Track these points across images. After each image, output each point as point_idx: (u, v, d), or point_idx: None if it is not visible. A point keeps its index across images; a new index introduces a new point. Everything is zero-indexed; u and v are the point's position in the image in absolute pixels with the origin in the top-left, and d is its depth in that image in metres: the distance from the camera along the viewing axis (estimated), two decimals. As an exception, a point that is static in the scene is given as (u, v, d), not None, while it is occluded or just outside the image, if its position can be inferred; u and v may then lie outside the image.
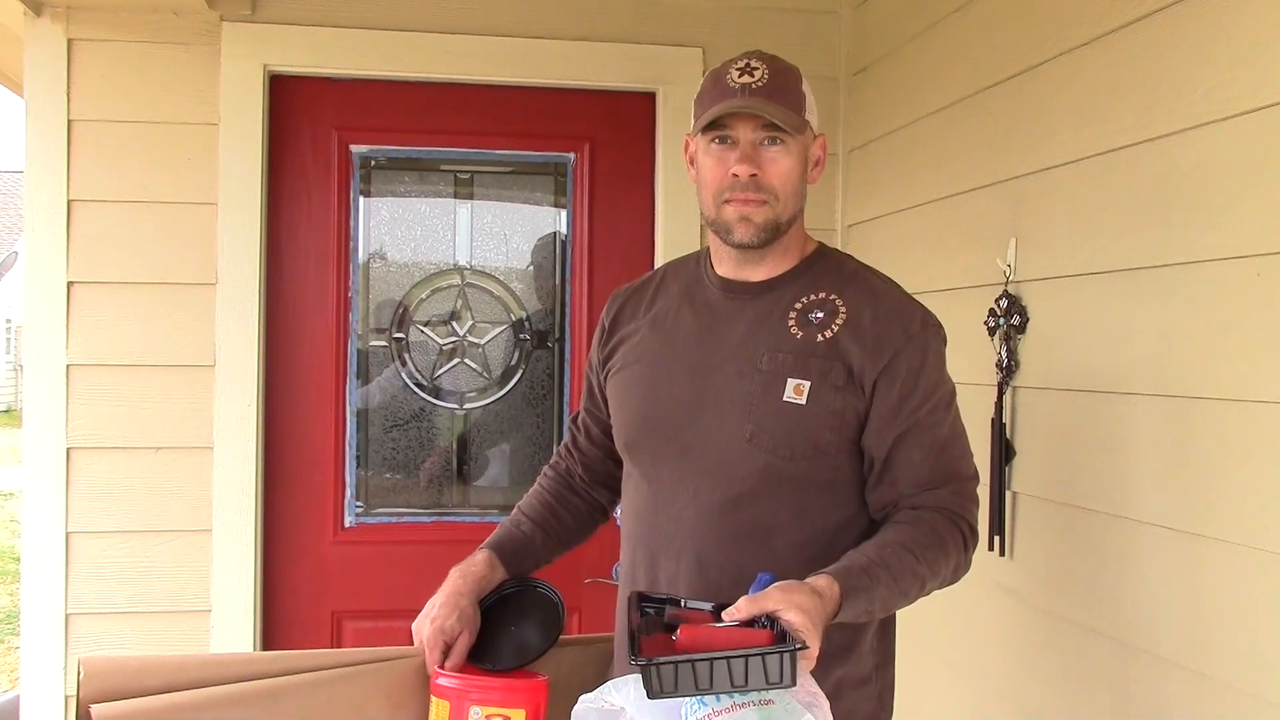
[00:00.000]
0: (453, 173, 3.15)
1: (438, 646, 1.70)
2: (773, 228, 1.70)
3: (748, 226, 1.70)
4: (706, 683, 1.33)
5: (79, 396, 2.84)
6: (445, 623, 1.71)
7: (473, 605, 1.76)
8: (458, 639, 1.72)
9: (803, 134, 1.70)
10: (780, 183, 1.69)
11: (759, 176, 1.67)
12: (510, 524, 1.92)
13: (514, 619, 1.80)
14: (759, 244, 1.71)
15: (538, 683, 1.70)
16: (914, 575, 1.59)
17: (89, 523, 2.84)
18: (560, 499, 1.97)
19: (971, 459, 1.75)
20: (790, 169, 1.69)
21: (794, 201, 1.72)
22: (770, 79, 1.67)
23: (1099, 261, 1.98)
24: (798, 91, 1.71)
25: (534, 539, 1.90)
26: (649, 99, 3.14)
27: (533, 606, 1.82)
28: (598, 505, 2.00)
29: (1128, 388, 1.90)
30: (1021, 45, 2.23)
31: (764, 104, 1.65)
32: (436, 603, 1.75)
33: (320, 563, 3.03)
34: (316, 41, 2.96)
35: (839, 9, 3.15)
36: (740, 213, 1.69)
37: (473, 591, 1.77)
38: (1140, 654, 1.86)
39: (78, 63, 2.84)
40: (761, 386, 1.68)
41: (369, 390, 3.11)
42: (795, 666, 1.33)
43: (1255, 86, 1.62)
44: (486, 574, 1.81)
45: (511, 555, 1.86)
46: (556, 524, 1.94)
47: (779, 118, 1.65)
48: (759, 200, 1.68)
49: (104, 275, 2.85)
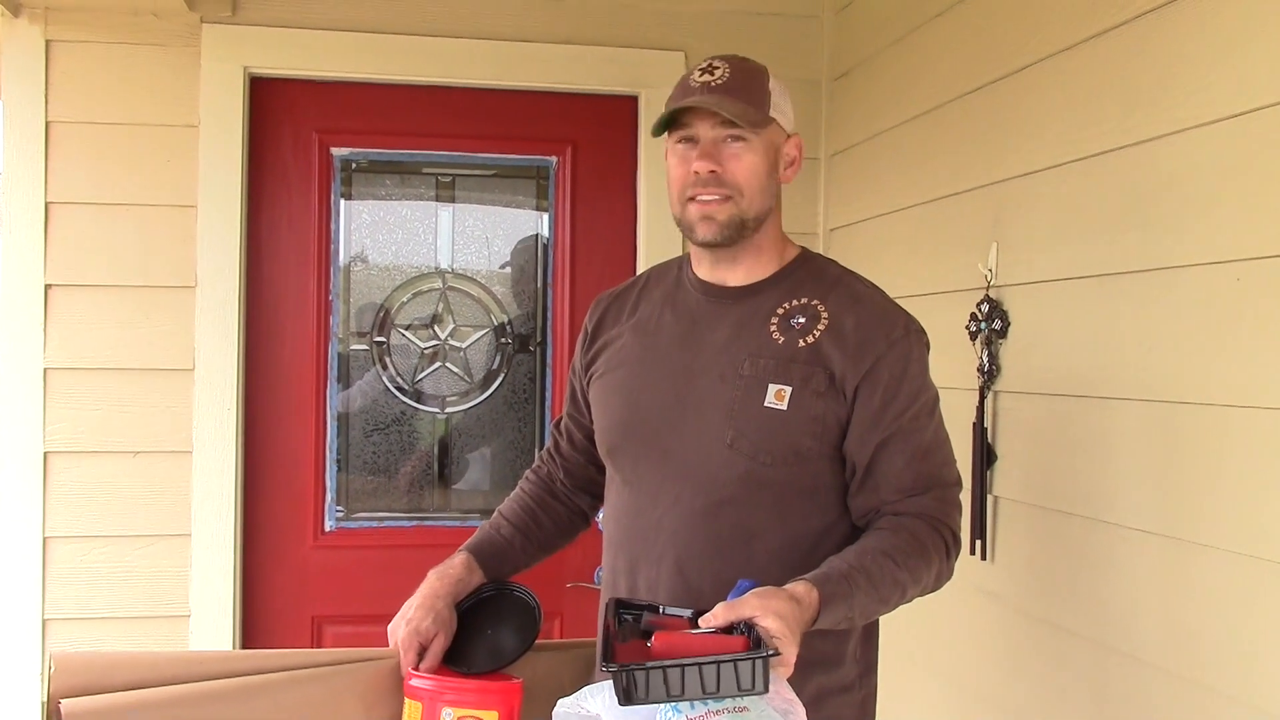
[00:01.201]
0: (434, 176, 3.14)
1: (412, 648, 1.70)
2: (737, 225, 1.69)
3: (710, 225, 1.69)
4: (678, 689, 1.33)
5: (57, 400, 2.82)
6: (420, 624, 1.71)
7: (449, 608, 1.75)
8: (433, 641, 1.71)
9: (765, 129, 1.69)
10: (744, 178, 1.68)
11: (719, 173, 1.67)
12: (490, 527, 1.91)
13: (490, 622, 1.79)
14: (723, 241, 1.70)
15: (511, 685, 1.69)
16: (894, 582, 1.58)
17: (67, 527, 2.82)
18: (541, 504, 1.96)
19: (955, 465, 1.74)
20: (754, 164, 1.68)
21: (760, 198, 1.70)
22: (731, 77, 1.67)
23: (1080, 266, 1.99)
24: (761, 89, 1.70)
25: (513, 543, 1.89)
26: (631, 102, 3.14)
27: (510, 610, 1.81)
28: (579, 511, 1.99)
29: (1109, 392, 1.90)
30: (1003, 50, 2.24)
31: (719, 100, 1.65)
32: (413, 605, 1.74)
33: (300, 567, 3.01)
34: (297, 43, 2.94)
35: (821, 13, 3.15)
36: (703, 211, 1.69)
37: (449, 594, 1.77)
38: (1121, 657, 1.86)
39: (56, 64, 2.83)
40: (743, 392, 1.68)
41: (350, 394, 3.10)
42: (767, 673, 1.33)
43: (1235, 91, 1.63)
44: (464, 577, 1.80)
45: (490, 559, 1.85)
46: (536, 529, 1.93)
47: (733, 112, 1.64)
48: (722, 196, 1.67)
49: (82, 278, 2.84)
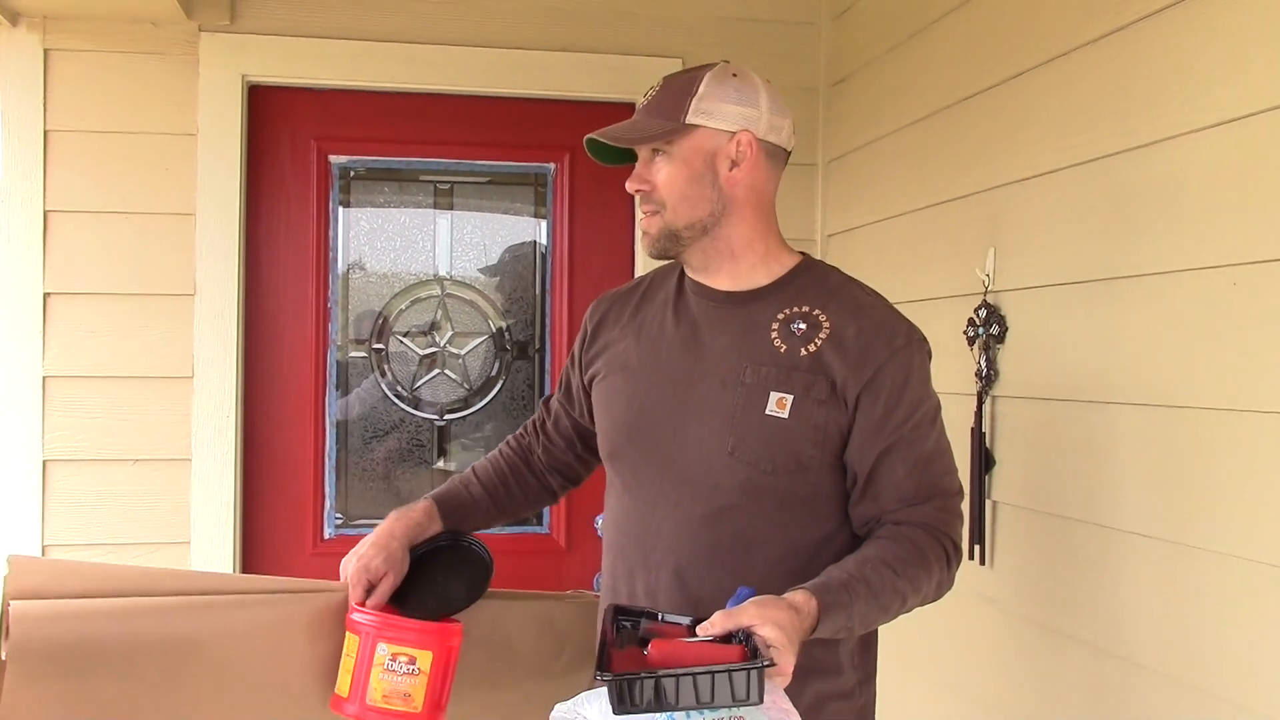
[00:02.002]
0: (432, 183, 3.15)
1: (360, 584, 1.73)
2: (669, 236, 1.73)
3: (646, 239, 1.76)
4: (673, 699, 1.32)
5: (56, 408, 2.82)
6: (371, 562, 1.74)
7: (403, 549, 1.78)
8: (382, 580, 1.74)
9: (682, 138, 1.69)
10: (665, 190, 1.71)
11: (646, 190, 1.73)
12: (459, 482, 1.95)
13: (442, 572, 1.82)
14: (659, 254, 1.76)
15: (450, 628, 1.72)
16: (894, 591, 1.58)
17: (66, 536, 2.82)
18: (515, 471, 1.99)
19: (956, 475, 1.74)
20: (671, 175, 1.71)
21: (684, 206, 1.71)
22: (656, 95, 1.72)
23: (1077, 271, 1.99)
24: (678, 99, 1.69)
25: (479, 503, 1.93)
26: (629, 109, 3.09)
27: (462, 562, 1.84)
28: (548, 488, 2.03)
29: (1106, 396, 1.91)
30: (999, 57, 2.25)
31: (617, 129, 1.71)
32: (367, 542, 1.78)
33: (300, 574, 2.98)
34: (295, 52, 2.95)
35: (818, 20, 3.16)
36: (642, 228, 1.77)
37: (404, 535, 1.80)
38: (1120, 661, 1.87)
39: (55, 73, 2.83)
40: (744, 399, 1.68)
41: (348, 401, 3.10)
42: (762, 684, 1.33)
43: (1231, 96, 1.64)
44: (423, 521, 1.84)
45: (453, 511, 1.88)
46: (505, 494, 1.96)
47: (613, 135, 1.71)
48: (650, 211, 1.74)
49: (81, 286, 2.84)
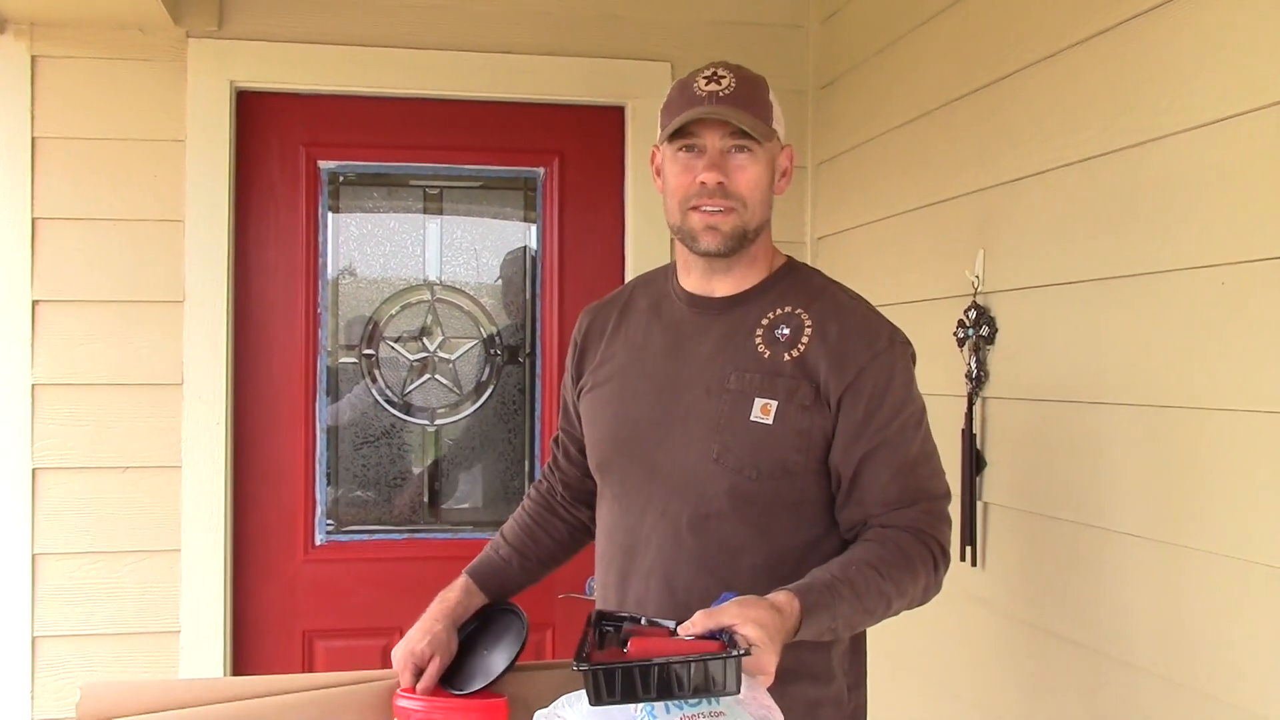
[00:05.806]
0: (422, 188, 3.14)
1: (408, 669, 1.75)
2: (740, 236, 1.69)
3: (714, 235, 1.68)
4: (650, 688, 1.31)
5: (45, 416, 2.81)
6: (416, 646, 1.76)
7: (447, 630, 1.79)
8: (429, 663, 1.75)
9: (770, 142, 1.69)
10: (749, 190, 1.68)
11: (726, 184, 1.66)
12: (490, 548, 1.95)
13: (487, 643, 1.84)
14: (726, 252, 1.70)
15: (494, 703, 1.73)
16: (879, 594, 1.57)
17: (56, 544, 2.81)
18: (541, 521, 1.97)
19: (943, 478, 1.73)
20: (758, 177, 1.68)
21: (761, 210, 1.71)
22: (737, 87, 1.66)
23: (1067, 272, 1.99)
24: (765, 100, 1.70)
25: (510, 563, 1.92)
26: (618, 113, 3.15)
27: (501, 628, 1.85)
28: (579, 524, 1.99)
29: (1097, 397, 1.91)
30: (988, 58, 2.25)
31: (732, 111, 1.64)
32: (414, 629, 1.80)
33: (291, 582, 3.00)
34: (283, 57, 2.94)
35: (806, 23, 3.16)
36: (706, 221, 1.68)
37: (446, 617, 1.81)
38: (1113, 662, 1.87)
39: (42, 79, 2.82)
40: (729, 406, 1.67)
41: (339, 407, 3.09)
42: (739, 673, 1.32)
43: (1220, 96, 1.64)
44: (462, 599, 1.84)
45: (489, 579, 1.89)
46: (535, 547, 1.95)
47: (747, 124, 1.64)
48: (727, 208, 1.67)
49: (70, 294, 2.83)
